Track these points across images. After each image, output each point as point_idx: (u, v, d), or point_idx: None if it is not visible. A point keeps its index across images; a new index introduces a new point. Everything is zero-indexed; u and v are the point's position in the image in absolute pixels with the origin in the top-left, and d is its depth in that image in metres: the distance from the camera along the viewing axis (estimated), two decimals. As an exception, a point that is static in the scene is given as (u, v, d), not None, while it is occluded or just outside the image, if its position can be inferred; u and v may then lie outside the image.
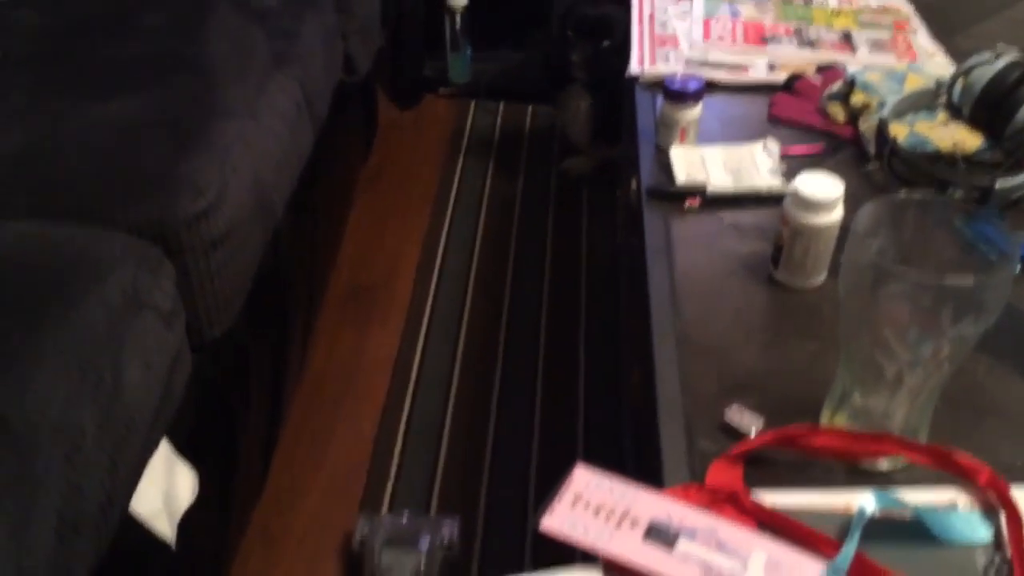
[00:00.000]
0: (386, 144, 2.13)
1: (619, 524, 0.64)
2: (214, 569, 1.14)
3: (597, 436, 1.44)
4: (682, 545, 0.63)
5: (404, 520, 1.26)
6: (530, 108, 2.25)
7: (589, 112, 1.94)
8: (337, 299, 1.72)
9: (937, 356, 0.65)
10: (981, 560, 0.62)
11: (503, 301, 1.71)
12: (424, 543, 1.21)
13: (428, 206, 1.97)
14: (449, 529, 1.24)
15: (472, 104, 2.28)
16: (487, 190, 2.01)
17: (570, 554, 0.71)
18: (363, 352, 1.61)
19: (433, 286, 1.75)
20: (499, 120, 2.23)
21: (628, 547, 0.63)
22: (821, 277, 0.87)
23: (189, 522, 0.98)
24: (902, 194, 0.69)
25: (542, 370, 1.56)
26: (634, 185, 1.09)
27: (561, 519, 0.65)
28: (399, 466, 1.41)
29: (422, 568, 1.18)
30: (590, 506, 0.66)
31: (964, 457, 0.67)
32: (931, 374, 0.67)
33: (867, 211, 0.65)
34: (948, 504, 0.66)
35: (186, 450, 0.99)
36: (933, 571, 0.61)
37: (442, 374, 1.56)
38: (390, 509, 1.35)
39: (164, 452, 0.94)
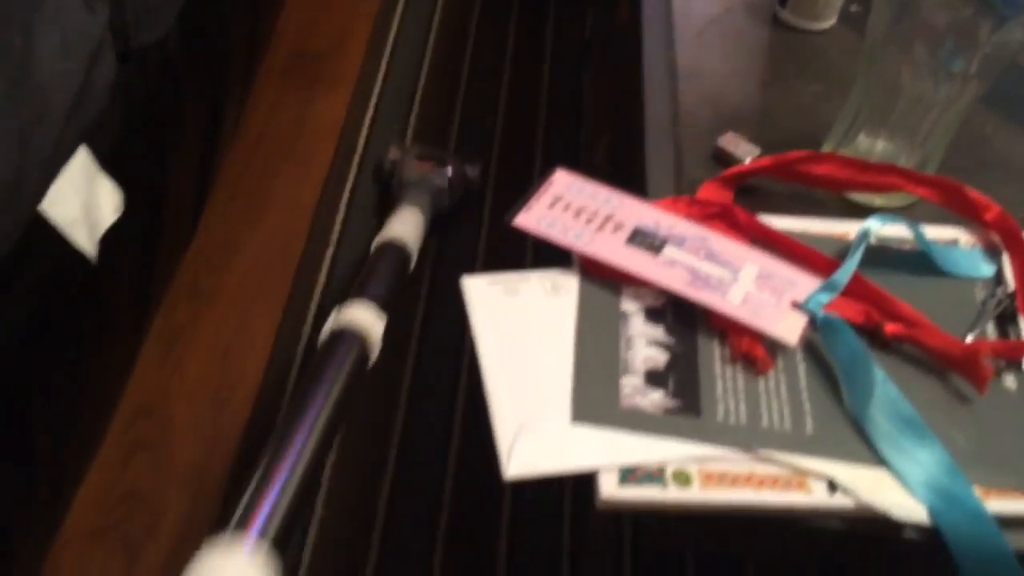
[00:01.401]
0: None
1: (601, 227, 0.58)
2: (138, 308, 1.06)
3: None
4: (669, 252, 0.57)
5: (432, 150, 1.34)
6: None
7: None
8: (279, 63, 1.58)
9: (966, 72, 0.59)
10: (980, 294, 0.58)
11: (459, 84, 1.60)
12: (449, 169, 1.28)
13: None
14: (471, 165, 1.33)
15: None
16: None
17: (520, 254, 0.66)
18: (306, 117, 1.50)
19: (385, 61, 1.63)
20: None
21: (610, 249, 0.57)
22: (831, 20, 0.80)
23: (112, 246, 0.90)
24: None
25: (497, 155, 1.48)
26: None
27: (537, 217, 0.59)
28: (340, 233, 1.34)
29: (447, 186, 1.27)
30: (570, 208, 0.59)
31: (973, 192, 0.62)
32: (952, 101, 0.61)
33: None
34: (949, 241, 0.62)
35: (111, 168, 0.90)
36: (930, 300, 0.57)
37: (392, 143, 1.47)
38: (328, 276, 1.28)
39: (84, 160, 0.84)
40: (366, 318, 0.93)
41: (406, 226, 1.13)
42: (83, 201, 0.83)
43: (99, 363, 0.97)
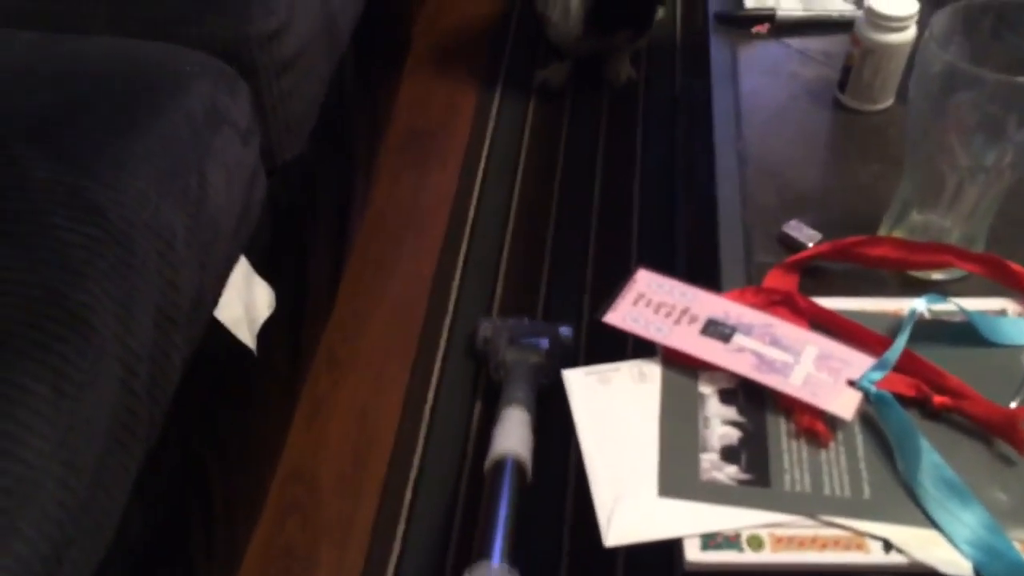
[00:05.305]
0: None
1: (678, 320, 0.68)
2: (288, 385, 1.22)
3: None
4: (738, 339, 0.66)
5: (525, 322, 1.34)
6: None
7: None
8: (396, 142, 1.74)
9: (999, 164, 0.66)
10: (1026, 360, 0.65)
11: (559, 147, 1.73)
12: (545, 342, 1.27)
13: (484, 52, 1.96)
14: (565, 332, 1.32)
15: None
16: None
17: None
18: (422, 192, 1.65)
19: (490, 132, 1.77)
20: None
21: (686, 340, 0.67)
22: (888, 101, 0.87)
23: (266, 336, 1.05)
24: None
25: (597, 210, 1.59)
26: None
27: (623, 314, 0.69)
28: (457, 300, 1.47)
29: (544, 363, 1.25)
30: (651, 304, 0.70)
31: (1016, 266, 0.69)
32: (991, 184, 0.68)
33: (942, 16, 0.65)
34: (998, 311, 0.69)
35: (262, 270, 1.05)
36: (979, 369, 0.64)
37: (499, 213, 1.60)
38: (448, 342, 1.41)
39: (243, 267, 1.00)
40: None
41: (515, 435, 1.09)
42: (244, 302, 0.99)
43: (260, 436, 1.13)
